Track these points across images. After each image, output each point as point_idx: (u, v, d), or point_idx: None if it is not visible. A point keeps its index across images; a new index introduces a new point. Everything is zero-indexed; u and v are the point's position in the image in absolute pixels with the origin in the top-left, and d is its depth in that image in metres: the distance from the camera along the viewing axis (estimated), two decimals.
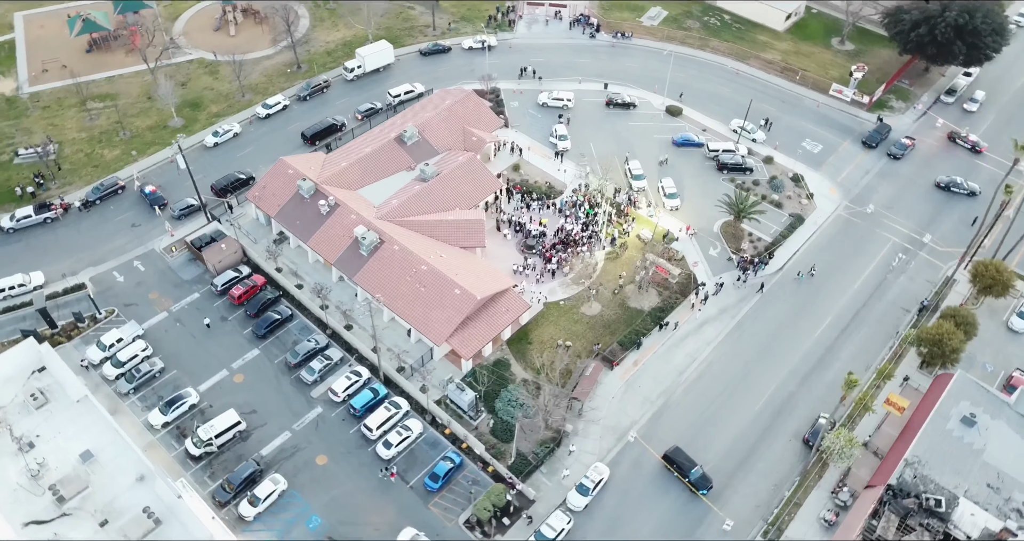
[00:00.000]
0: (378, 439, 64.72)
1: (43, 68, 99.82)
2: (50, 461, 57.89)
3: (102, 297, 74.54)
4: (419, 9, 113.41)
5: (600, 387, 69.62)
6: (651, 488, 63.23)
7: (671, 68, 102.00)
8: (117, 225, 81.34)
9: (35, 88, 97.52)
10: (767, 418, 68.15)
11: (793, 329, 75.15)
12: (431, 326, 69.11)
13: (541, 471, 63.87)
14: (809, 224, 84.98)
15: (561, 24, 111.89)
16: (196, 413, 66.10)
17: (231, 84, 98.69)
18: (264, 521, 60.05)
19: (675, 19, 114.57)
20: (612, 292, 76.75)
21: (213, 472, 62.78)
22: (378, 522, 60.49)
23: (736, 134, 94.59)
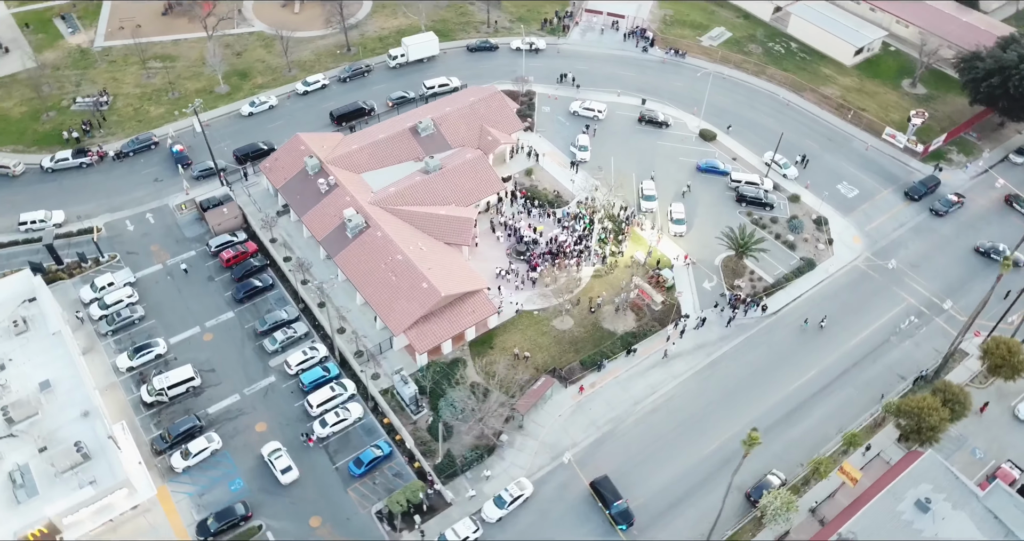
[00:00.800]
0: (317, 416, 66.10)
1: (120, 25, 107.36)
2: (12, 384, 62.55)
3: (109, 242, 79.50)
4: (479, 5, 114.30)
5: (549, 404, 68.18)
6: (571, 514, 61.42)
7: (712, 90, 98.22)
8: (142, 178, 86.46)
9: (108, 43, 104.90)
10: (713, 465, 64.76)
11: (770, 377, 71.02)
12: (393, 315, 69.74)
13: (466, 476, 63.40)
14: (820, 271, 79.97)
15: (616, 35, 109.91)
16: (160, 363, 69.47)
17: (281, 59, 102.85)
18: (191, 474, 62.48)
19: (737, 42, 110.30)
20: (589, 309, 75.02)
21: (159, 421, 65.82)
22: (296, 496, 61.73)
23: (767, 167, 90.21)
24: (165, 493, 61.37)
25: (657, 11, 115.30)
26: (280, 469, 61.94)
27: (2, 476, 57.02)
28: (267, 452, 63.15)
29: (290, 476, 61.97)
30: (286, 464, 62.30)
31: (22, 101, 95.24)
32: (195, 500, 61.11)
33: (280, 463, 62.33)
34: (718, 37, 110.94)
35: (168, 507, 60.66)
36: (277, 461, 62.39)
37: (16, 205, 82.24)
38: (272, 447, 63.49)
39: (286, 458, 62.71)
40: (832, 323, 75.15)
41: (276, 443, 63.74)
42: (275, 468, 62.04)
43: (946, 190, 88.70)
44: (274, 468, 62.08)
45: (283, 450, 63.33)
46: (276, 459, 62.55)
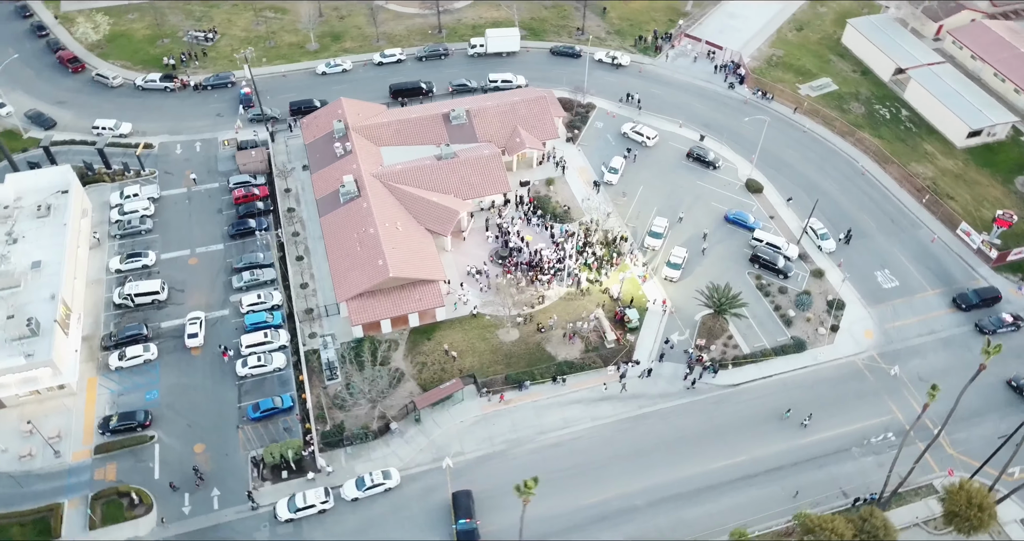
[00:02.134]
0: (245, 355, 70.05)
1: None
2: (12, 257, 71.88)
3: (155, 159, 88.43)
4: (582, 11, 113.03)
5: (457, 408, 67.38)
6: (422, 518, 60.60)
7: (783, 142, 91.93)
8: (208, 110, 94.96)
9: None
10: (586, 518, 60.93)
11: (694, 448, 65.37)
12: (343, 283, 72.02)
13: (346, 450, 64.54)
14: (807, 356, 72.03)
15: (709, 65, 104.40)
16: (143, 272, 76.74)
17: (377, 29, 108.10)
18: (118, 375, 68.74)
19: (840, 97, 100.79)
20: (537, 329, 72.93)
21: (119, 322, 72.83)
22: (193, 421, 65.89)
23: (805, 233, 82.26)
24: (93, 384, 68.19)
25: (766, 49, 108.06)
26: (188, 334, 70.65)
27: None
28: (187, 318, 71.94)
29: (194, 342, 70.28)
30: (195, 331, 70.70)
31: (148, 25, 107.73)
32: (113, 398, 67.27)
33: (191, 329, 70.81)
34: (821, 88, 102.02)
35: (90, 397, 67.34)
36: (191, 326, 70.98)
37: (99, 111, 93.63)
38: (192, 315, 72.33)
39: (200, 329, 71.02)
40: (796, 414, 67.68)
41: (199, 313, 72.75)
42: (186, 331, 70.87)
43: (1005, 308, 76.30)
44: (185, 332, 70.97)
45: (200, 320, 71.88)
46: (191, 324, 71.10)
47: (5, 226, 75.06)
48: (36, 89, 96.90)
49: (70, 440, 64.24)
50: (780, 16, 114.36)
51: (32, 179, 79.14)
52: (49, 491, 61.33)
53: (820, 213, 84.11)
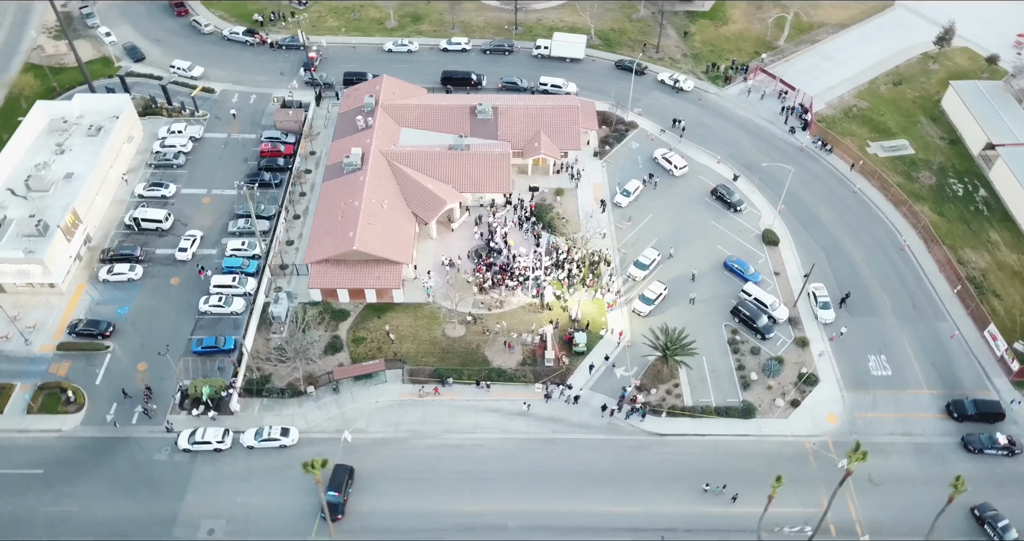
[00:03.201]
0: (211, 293, 74.84)
1: None
2: (53, 166, 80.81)
3: (211, 103, 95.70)
4: (667, 30, 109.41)
5: (377, 387, 68.45)
6: (303, 480, 60.57)
7: (823, 199, 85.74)
8: (274, 68, 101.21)
9: None
10: (454, 525, 60.10)
11: (588, 486, 62.50)
12: (314, 246, 74.99)
13: (263, 401, 67.55)
14: (751, 424, 66.73)
15: (776, 105, 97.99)
16: (161, 201, 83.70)
17: (455, 16, 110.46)
18: (104, 286, 75.53)
19: (912, 162, 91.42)
20: (484, 331, 72.38)
21: (122, 241, 79.99)
22: (149, 341, 71.30)
23: (800, 296, 75.87)
24: (81, 290, 75.55)
25: (849, 98, 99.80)
26: (180, 247, 78.23)
27: None
28: (185, 234, 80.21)
29: (183, 255, 77.64)
30: (186, 247, 77.97)
31: None
32: (91, 304, 74.28)
33: (184, 244, 78.31)
34: (894, 149, 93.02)
35: (74, 300, 74.64)
36: (185, 241, 78.84)
37: (184, 52, 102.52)
38: (190, 232, 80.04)
39: (191, 247, 78.23)
40: (715, 483, 63.05)
41: (196, 232, 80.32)
42: (179, 245, 78.91)
43: (1005, 428, 66.69)
44: (178, 246, 79.03)
45: (195, 238, 79.38)
46: (186, 240, 79.02)
47: (60, 138, 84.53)
48: (141, 25, 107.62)
49: (42, 333, 71.76)
50: (881, 66, 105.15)
51: (95, 102, 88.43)
52: (10, 372, 68.98)
53: (833, 280, 77.59)
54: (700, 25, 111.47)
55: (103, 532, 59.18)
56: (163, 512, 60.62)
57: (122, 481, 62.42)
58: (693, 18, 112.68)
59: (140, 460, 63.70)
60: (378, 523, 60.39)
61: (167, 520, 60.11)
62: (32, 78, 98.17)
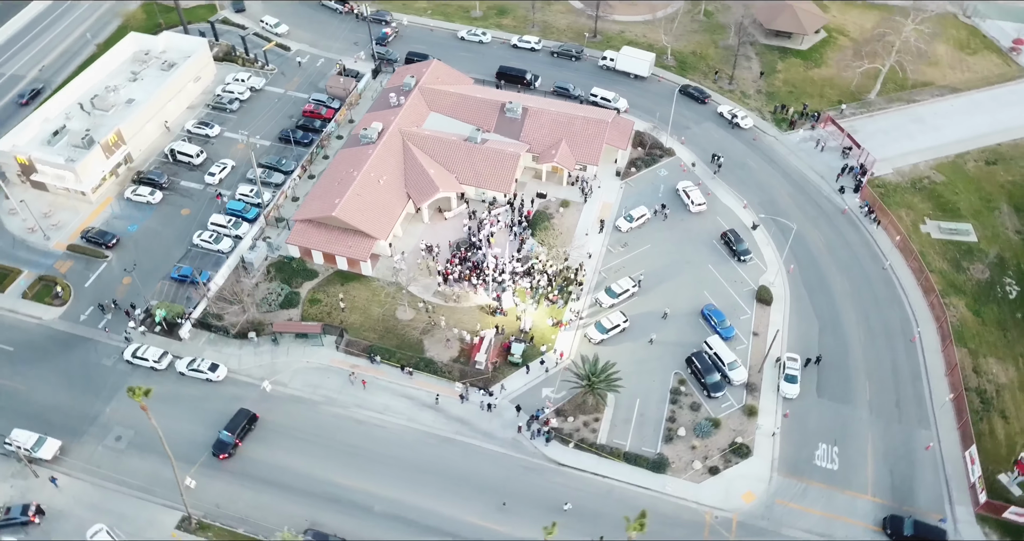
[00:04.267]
0: (206, 229, 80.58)
1: None
2: (120, 90, 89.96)
3: (281, 59, 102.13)
4: (748, 65, 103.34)
5: (312, 349, 70.93)
6: (210, 415, 65.75)
7: (845, 274, 78.37)
8: (351, 37, 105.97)
9: None
10: (323, 492, 61.65)
11: (465, 493, 61.85)
12: (305, 205, 78.69)
13: (208, 335, 72.03)
14: (657, 480, 62.67)
15: (835, 161, 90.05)
16: (201, 139, 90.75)
17: (539, 15, 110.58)
18: (127, 202, 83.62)
19: (968, 251, 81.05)
20: (430, 321, 72.79)
21: (157, 167, 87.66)
22: (141, 260, 77.99)
23: (774, 364, 69.95)
24: (107, 202, 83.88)
25: (923, 168, 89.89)
26: (209, 172, 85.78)
27: (56, 127, 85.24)
28: (217, 162, 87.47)
29: (211, 179, 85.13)
30: (215, 172, 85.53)
31: None
32: (110, 216, 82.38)
33: (214, 169, 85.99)
34: (952, 232, 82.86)
35: (98, 210, 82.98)
36: (216, 167, 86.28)
37: (279, 10, 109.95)
38: (223, 161, 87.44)
39: (220, 174, 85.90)
40: (575, 517, 60.09)
41: (229, 162, 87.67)
42: (209, 169, 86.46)
43: None
44: (208, 170, 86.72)
45: (226, 167, 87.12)
46: (217, 165, 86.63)
47: (138, 67, 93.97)
48: None
49: (61, 232, 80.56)
50: (979, 140, 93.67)
51: (178, 41, 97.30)
52: (23, 259, 78.17)
53: (815, 355, 70.95)
54: (789, 63, 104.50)
55: (32, 411, 66.23)
56: (88, 410, 66.72)
57: (69, 375, 69.25)
58: (785, 55, 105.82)
59: (90, 361, 70.30)
60: (258, 471, 63.10)
61: (88, 418, 66.09)
62: (143, 13, 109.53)
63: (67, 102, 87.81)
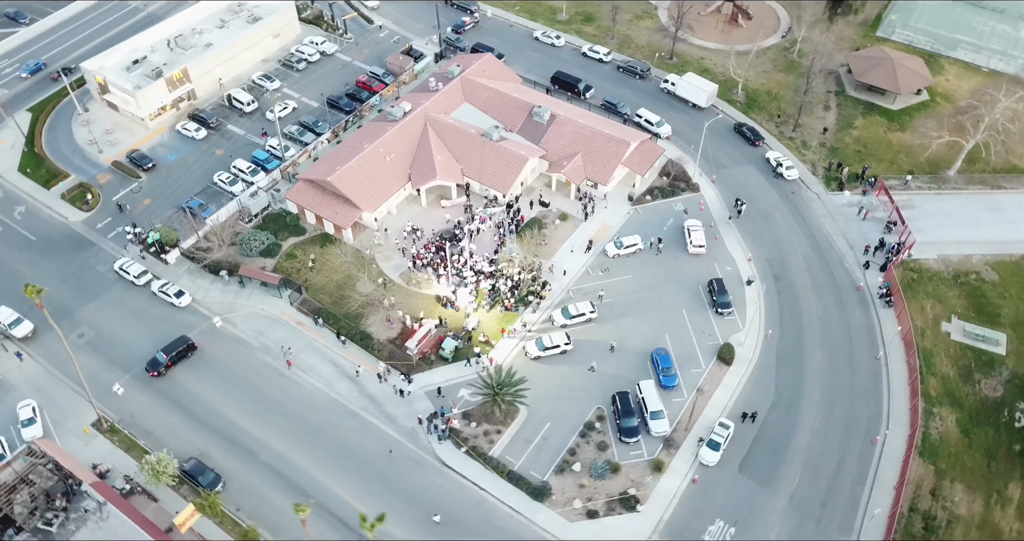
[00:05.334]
0: (228, 173, 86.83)
1: None
2: (205, 35, 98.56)
3: (361, 32, 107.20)
4: (822, 114, 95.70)
5: (272, 298, 74.88)
6: (160, 336, 71.18)
7: (816, 331, 71.31)
8: (434, 21, 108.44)
9: None
10: (223, 429, 65.49)
11: (345, 466, 63.33)
12: (313, 167, 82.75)
13: (190, 267, 77.79)
14: (530, 507, 60.80)
15: (874, 232, 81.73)
16: (261, 93, 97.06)
17: (618, 27, 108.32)
18: (174, 135, 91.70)
19: (990, 363, 71.26)
20: (384, 294, 74.36)
21: (211, 109, 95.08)
22: (167, 187, 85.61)
23: (718, 427, 65.21)
24: (160, 131, 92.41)
25: (974, 261, 79.61)
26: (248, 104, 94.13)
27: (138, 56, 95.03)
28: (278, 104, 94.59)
29: (249, 108, 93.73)
30: (249, 100, 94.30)
31: None
32: (157, 143, 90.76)
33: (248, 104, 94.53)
34: (978, 338, 72.97)
35: (151, 136, 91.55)
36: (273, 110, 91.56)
37: None
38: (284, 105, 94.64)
39: (250, 104, 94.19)
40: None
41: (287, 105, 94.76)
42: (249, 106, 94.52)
43: None
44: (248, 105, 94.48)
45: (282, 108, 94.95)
46: (278, 107, 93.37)
47: (228, 17, 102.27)
48: None
49: (113, 149, 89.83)
50: None
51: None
52: (74, 165, 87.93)
53: (754, 430, 65.63)
54: (870, 121, 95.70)
55: (23, 294, 73.92)
56: (67, 305, 74.42)
57: (67, 271, 77.58)
58: (869, 111, 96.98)
59: (88, 264, 78.32)
60: (176, 395, 67.94)
61: (64, 312, 73.55)
62: None
63: (157, 37, 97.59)
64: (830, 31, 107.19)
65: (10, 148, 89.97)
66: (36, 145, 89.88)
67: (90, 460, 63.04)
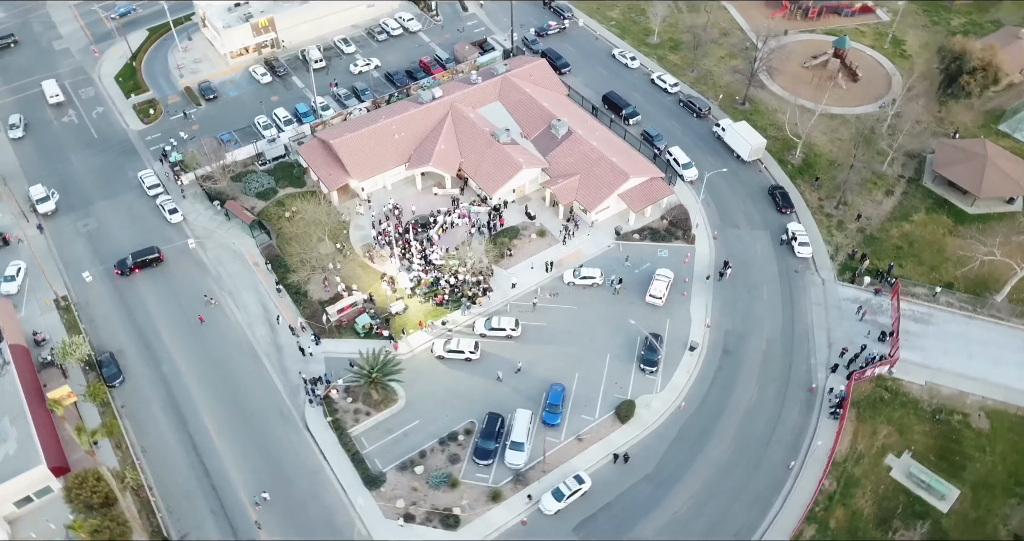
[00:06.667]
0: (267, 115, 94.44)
1: None
2: None
3: (454, 17, 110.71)
4: (878, 198, 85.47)
5: (243, 236, 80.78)
6: (146, 240, 79.83)
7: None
8: (526, 22, 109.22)
9: None
10: (144, 337, 72.11)
11: (232, 412, 67.66)
12: (330, 129, 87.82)
13: (198, 190, 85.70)
14: (358, 492, 61.58)
15: (861, 338, 72.29)
16: (336, 52, 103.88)
17: (703, 61, 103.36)
18: (245, 75, 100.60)
19: (920, 515, 61.22)
20: (332, 262, 77.58)
21: (286, 60, 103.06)
22: (226, 117, 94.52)
23: (572, 479, 62.07)
24: (237, 68, 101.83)
25: (970, 404, 68.17)
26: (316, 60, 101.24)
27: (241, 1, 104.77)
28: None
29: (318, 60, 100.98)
30: (320, 58, 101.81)
31: None
32: (228, 79, 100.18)
33: (315, 54, 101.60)
34: (924, 486, 62.76)
35: (227, 72, 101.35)
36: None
37: None
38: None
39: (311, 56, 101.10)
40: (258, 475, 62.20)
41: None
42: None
43: None
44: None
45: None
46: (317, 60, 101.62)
47: None
48: None
49: (191, 76, 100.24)
50: None
51: None
52: (158, 84, 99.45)
53: (608, 487, 61.67)
54: (933, 218, 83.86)
55: (61, 179, 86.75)
56: (90, 196, 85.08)
57: (104, 169, 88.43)
58: (938, 208, 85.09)
59: (124, 167, 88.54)
60: (124, 296, 75.88)
61: (85, 202, 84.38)
62: None
63: None
64: (940, 112, 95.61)
65: (119, 58, 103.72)
66: (137, 59, 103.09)
67: (35, 327, 72.71)
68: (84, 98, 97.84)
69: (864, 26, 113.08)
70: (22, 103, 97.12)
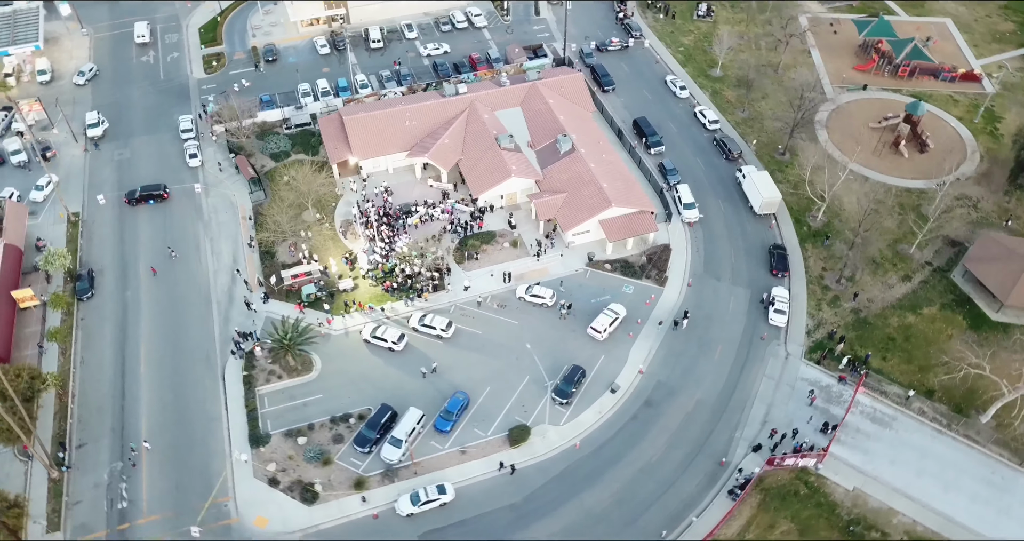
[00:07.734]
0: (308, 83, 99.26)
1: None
2: None
3: (523, 19, 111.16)
4: (890, 282, 77.34)
5: (242, 189, 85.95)
6: (161, 175, 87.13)
7: None
8: (594, 34, 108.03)
9: None
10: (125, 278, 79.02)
11: (172, 339, 72.80)
12: (352, 106, 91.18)
13: (223, 142, 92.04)
14: (241, 448, 64.51)
15: (804, 425, 65.97)
16: (397, 36, 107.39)
17: (760, 104, 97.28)
18: (310, 43, 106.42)
19: None
20: (306, 229, 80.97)
21: (346, 35, 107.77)
22: (266, 74, 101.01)
23: (434, 487, 61.80)
24: (305, 37, 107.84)
25: (890, 521, 60.70)
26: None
27: None
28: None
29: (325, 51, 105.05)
30: (325, 44, 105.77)
31: None
32: (291, 46, 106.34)
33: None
34: None
35: (293, 38, 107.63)
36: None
37: None
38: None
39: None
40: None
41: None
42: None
43: None
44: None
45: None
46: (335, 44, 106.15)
47: None
48: None
49: (263, 39, 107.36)
50: None
51: None
52: (234, 42, 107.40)
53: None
54: (945, 316, 75.14)
55: (117, 111, 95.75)
56: (134, 130, 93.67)
57: (157, 108, 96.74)
58: (956, 305, 76.12)
59: (173, 111, 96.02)
60: (126, 222, 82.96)
61: (129, 134, 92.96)
62: None
63: None
64: (1009, 201, 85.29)
65: (209, 11, 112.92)
66: (224, 15, 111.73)
67: (42, 235, 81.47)
68: (167, 43, 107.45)
69: (961, 94, 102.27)
70: (116, 39, 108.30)
